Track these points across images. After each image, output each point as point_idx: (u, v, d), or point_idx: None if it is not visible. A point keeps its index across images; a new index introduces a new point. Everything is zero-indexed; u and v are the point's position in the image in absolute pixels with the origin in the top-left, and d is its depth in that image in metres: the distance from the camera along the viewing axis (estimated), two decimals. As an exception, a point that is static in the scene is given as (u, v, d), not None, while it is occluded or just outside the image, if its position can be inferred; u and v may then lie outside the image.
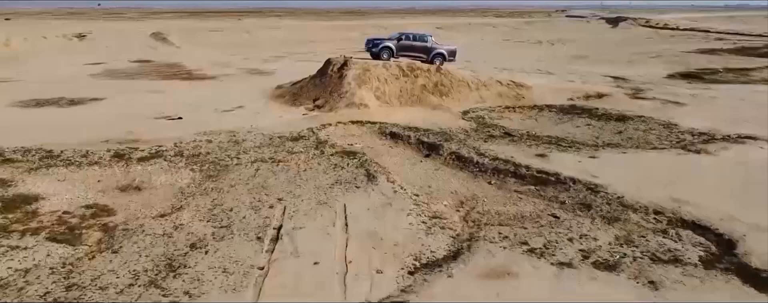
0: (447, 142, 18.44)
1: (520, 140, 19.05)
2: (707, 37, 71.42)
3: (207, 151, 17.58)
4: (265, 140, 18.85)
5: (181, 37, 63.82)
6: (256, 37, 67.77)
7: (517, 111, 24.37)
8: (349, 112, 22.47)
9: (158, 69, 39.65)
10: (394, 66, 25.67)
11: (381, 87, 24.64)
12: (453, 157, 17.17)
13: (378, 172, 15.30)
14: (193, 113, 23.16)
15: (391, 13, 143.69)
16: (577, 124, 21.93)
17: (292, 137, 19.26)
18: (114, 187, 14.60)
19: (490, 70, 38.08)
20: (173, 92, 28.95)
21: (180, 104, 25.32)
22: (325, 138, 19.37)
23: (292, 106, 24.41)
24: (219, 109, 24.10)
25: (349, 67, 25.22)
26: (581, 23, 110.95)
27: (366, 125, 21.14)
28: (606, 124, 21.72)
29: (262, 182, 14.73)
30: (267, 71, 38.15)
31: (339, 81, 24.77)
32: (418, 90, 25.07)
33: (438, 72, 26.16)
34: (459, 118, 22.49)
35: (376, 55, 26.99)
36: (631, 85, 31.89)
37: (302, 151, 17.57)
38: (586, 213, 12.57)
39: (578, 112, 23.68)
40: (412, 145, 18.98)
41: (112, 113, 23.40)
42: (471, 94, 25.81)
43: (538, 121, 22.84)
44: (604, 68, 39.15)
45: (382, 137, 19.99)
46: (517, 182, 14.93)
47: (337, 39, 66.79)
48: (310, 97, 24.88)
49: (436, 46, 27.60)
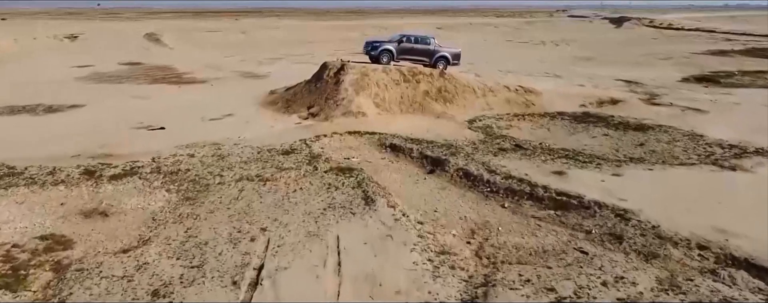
0: (453, 156, 16.71)
1: (533, 154, 17.32)
2: (714, 38, 69.65)
3: (187, 167, 15.85)
4: (253, 154, 17.13)
5: (175, 38, 62.13)
6: (253, 38, 66.07)
7: (526, 119, 22.63)
8: (345, 121, 20.75)
9: (148, 72, 37.92)
10: (394, 70, 23.95)
11: (380, 93, 22.92)
12: (460, 174, 15.45)
13: (377, 194, 13.57)
14: (178, 122, 21.46)
15: (391, 13, 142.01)
16: (593, 135, 20.20)
17: (283, 150, 17.53)
18: (78, 211, 12.88)
19: (495, 73, 36.36)
20: (160, 98, 27.23)
21: (165, 111, 23.63)
22: (319, 151, 17.65)
23: (285, 114, 22.69)
24: (206, 117, 22.39)
25: (346, 72, 23.50)
26: (584, 23, 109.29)
27: (364, 136, 19.43)
28: (624, 135, 19.98)
29: (245, 206, 13.01)
30: (261, 74, 36.44)
31: (335, 87, 23.05)
32: (421, 96, 23.34)
33: (441, 77, 24.43)
34: (465, 128, 20.76)
35: (376, 59, 25.23)
36: (645, 89, 30.17)
37: (293, 168, 15.84)
38: (617, 247, 10.85)
39: (593, 121, 21.94)
40: (414, 159, 17.26)
41: (90, 122, 21.70)
42: (477, 101, 24.08)
43: (551, 130, 21.11)
44: (614, 70, 37.42)
45: (381, 150, 18.27)
46: (534, 206, 13.20)
47: (337, 39, 65.06)
48: (305, 104, 23.16)
49: (439, 49, 25.83)
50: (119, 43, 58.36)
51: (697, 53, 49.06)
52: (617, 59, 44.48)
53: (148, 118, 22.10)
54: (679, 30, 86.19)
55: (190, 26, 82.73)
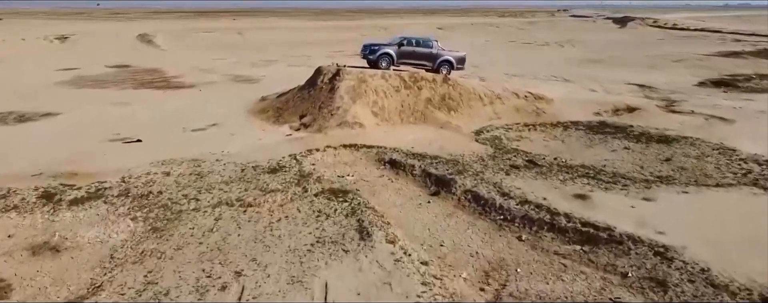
0: (460, 174, 14.88)
1: (549, 172, 15.48)
2: (722, 39, 67.74)
3: (160, 189, 14.01)
4: (235, 172, 15.29)
5: (168, 39, 60.29)
6: (249, 39, 64.22)
7: (538, 130, 20.80)
8: (340, 133, 18.91)
9: (134, 75, 36.06)
10: (394, 76, 22.12)
11: (379, 101, 21.09)
12: (469, 197, 13.62)
13: (374, 225, 11.73)
14: (158, 133, 19.64)
15: (391, 13, 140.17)
16: (613, 148, 18.36)
17: (270, 168, 15.69)
18: (26, 246, 11.05)
19: (500, 77, 34.59)
20: (142, 105, 25.37)
21: (145, 120, 21.81)
22: (310, 169, 15.81)
23: (275, 124, 20.85)
24: (189, 127, 20.56)
25: (342, 78, 21.66)
26: (587, 23, 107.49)
27: (360, 150, 17.59)
28: (647, 148, 18.15)
29: (220, 240, 11.17)
30: (254, 78, 34.58)
31: (330, 94, 21.21)
32: (423, 105, 21.51)
33: (445, 83, 22.59)
34: (471, 140, 18.92)
35: (374, 63, 23.36)
36: (661, 94, 28.34)
37: (280, 190, 14.00)
38: (662, 296, 9.02)
39: (611, 132, 20.11)
40: (416, 177, 15.44)
41: (62, 133, 19.87)
42: (484, 109, 22.24)
43: (566, 143, 19.28)
44: (625, 74, 35.58)
45: (379, 166, 16.45)
46: (557, 238, 11.37)
47: (335, 41, 63.25)
48: (297, 113, 21.32)
49: (442, 53, 23.95)
50: (110, 45, 56.54)
51: (708, 55, 47.17)
52: (627, 61, 42.62)
53: (126, 129, 20.27)
54: (685, 30, 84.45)
55: (185, 27, 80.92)
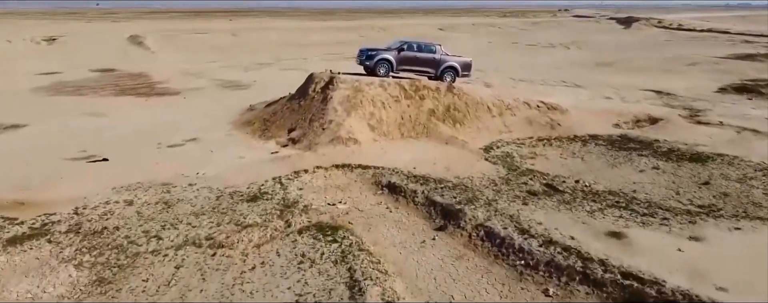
0: (469, 204, 12.78)
1: (573, 199, 13.37)
2: (732, 40, 65.61)
3: (118, 223, 11.90)
4: (209, 201, 13.19)
5: (159, 41, 58.12)
6: (244, 41, 62.03)
7: (554, 145, 18.68)
8: (332, 151, 16.79)
9: (118, 81, 33.94)
10: (393, 85, 20.01)
11: (376, 113, 18.98)
12: (481, 233, 11.51)
13: (368, 277, 9.60)
14: (129, 150, 17.53)
15: (390, 13, 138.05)
16: (640, 167, 16.25)
17: (250, 195, 13.58)
18: (-63, 305, 8.94)
19: (506, 82, 32.50)
20: (119, 115, 23.27)
21: (118, 134, 19.72)
22: (296, 195, 13.70)
23: (260, 139, 18.74)
24: (165, 142, 18.45)
25: (336, 87, 19.55)
26: (590, 23, 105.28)
27: (355, 171, 15.48)
28: (679, 168, 16.03)
29: (177, 297, 9.06)
30: (244, 84, 32.48)
31: (322, 105, 19.10)
32: (425, 117, 19.40)
33: (449, 92, 20.48)
34: (480, 158, 16.80)
35: (371, 70, 21.22)
36: (682, 102, 26.23)
37: (258, 224, 11.89)
38: None
39: (635, 148, 17.99)
40: (418, 206, 13.34)
41: (21, 150, 17.78)
42: (492, 122, 20.11)
43: (586, 161, 17.15)
44: (639, 79, 33.46)
45: (376, 191, 14.35)
46: (593, 294, 9.26)
47: (333, 42, 61.11)
48: (285, 127, 19.21)
49: (447, 58, 21.80)
50: (99, 47, 54.36)
51: (722, 57, 45.03)
52: (639, 65, 40.49)
53: (95, 144, 18.18)
54: (691, 31, 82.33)
55: (179, 27, 78.71)
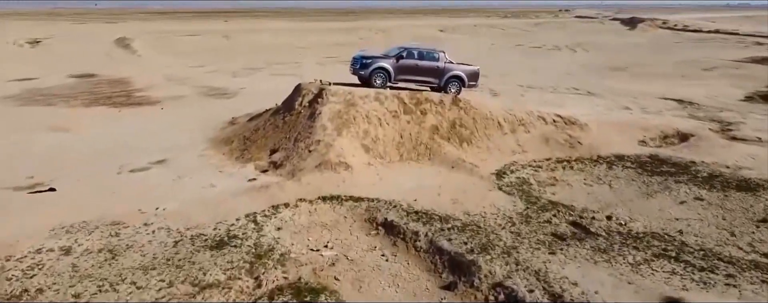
0: (484, 253, 10.38)
1: (610, 247, 10.95)
2: (743, 42, 63.22)
3: (44, 283, 9.49)
4: (165, 248, 10.76)
5: (147, 43, 55.63)
6: (236, 43, 59.52)
7: (575, 168, 16.25)
8: (319, 179, 14.33)
9: (95, 88, 31.48)
10: (391, 98, 17.58)
11: (372, 131, 16.54)
12: (500, 297, 9.10)
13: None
14: (84, 175, 15.09)
15: (389, 14, 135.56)
16: (680, 197, 13.84)
17: (216, 240, 11.14)
18: None
19: (514, 90, 30.12)
20: (84, 130, 20.82)
21: (78, 154, 17.29)
22: (273, 240, 11.28)
23: (238, 162, 16.27)
24: (128, 165, 16.00)
25: (325, 101, 17.10)
26: (593, 24, 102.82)
27: (345, 204, 13.07)
28: (726, 199, 13.63)
29: None
30: (230, 91, 30.04)
31: (309, 122, 16.66)
32: (427, 135, 16.96)
33: (455, 105, 18.05)
34: (492, 187, 14.38)
35: (367, 80, 18.75)
36: (708, 113, 23.86)
37: (220, 284, 9.48)
38: None
39: (670, 172, 15.58)
40: (421, 253, 10.96)
41: (-41, 175, 15.32)
42: (504, 140, 17.66)
43: (615, 188, 14.74)
44: (656, 86, 31.07)
45: (370, 231, 11.97)
46: None
47: (329, 44, 58.65)
48: (267, 146, 16.77)
49: (451, 67, 19.27)
50: (84, 50, 51.84)
51: (739, 61, 42.67)
52: (653, 70, 38.07)
53: (47, 168, 15.74)
54: (698, 32, 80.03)
55: (172, 29, 76.22)
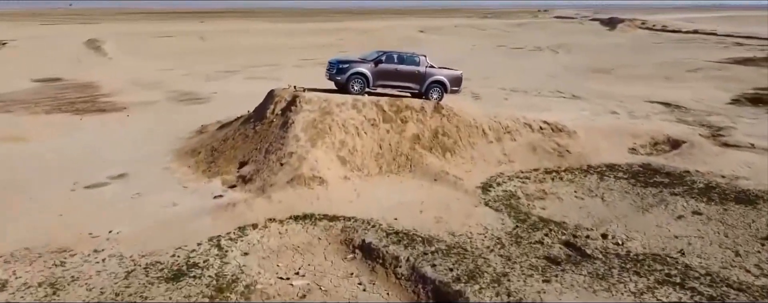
0: (471, 281, 9.39)
1: (608, 270, 10.01)
2: (722, 42, 63.39)
3: (-31, 327, 8.22)
4: (114, 281, 9.55)
5: (119, 45, 53.84)
6: (212, 45, 57.96)
7: (564, 179, 15.34)
8: (292, 195, 13.19)
9: (59, 93, 29.87)
10: (369, 105, 16.50)
11: (349, 142, 15.44)
12: (491, 335, 8.07)
13: None
14: (35, 192, 13.76)
15: (370, 14, 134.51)
16: (677, 212, 12.99)
17: (173, 270, 9.95)
18: None
19: (496, 93, 29.27)
20: (41, 140, 19.39)
21: (30, 168, 15.90)
22: (237, 268, 10.14)
23: (204, 176, 15.05)
24: (83, 181, 14.69)
25: (299, 109, 15.96)
26: (573, 25, 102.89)
27: (319, 224, 11.96)
28: (726, 212, 12.82)
29: None
30: (202, 96, 28.68)
31: (281, 132, 15.50)
32: (408, 145, 15.91)
33: (437, 113, 17.03)
34: (478, 202, 13.38)
35: (344, 86, 17.63)
36: (696, 117, 23.20)
37: (173, 326, 8.31)
38: None
39: (664, 183, 14.75)
40: (402, 280, 9.94)
41: None
42: (489, 149, 16.68)
43: (608, 202, 13.85)
44: (641, 88, 30.45)
45: (346, 254, 10.92)
46: None
47: (309, 46, 57.40)
48: (236, 159, 15.57)
49: (433, 71, 18.20)
50: (52, 52, 49.90)
51: (721, 62, 42.38)
52: (637, 72, 37.50)
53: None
54: (677, 32, 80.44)
55: (146, 30, 74.29)
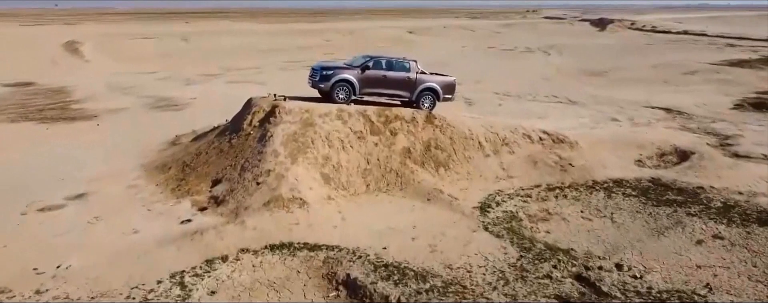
0: (473, 329, 8.00)
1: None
2: (714, 43, 62.80)
3: None
4: (53, 333, 8.08)
5: (98, 47, 51.87)
6: (194, 46, 56.11)
7: (569, 197, 14.04)
8: (268, 220, 11.76)
9: (28, 99, 28.17)
10: (356, 115, 15.12)
11: (333, 157, 14.05)
12: None
13: None
14: (-22, 218, 12.21)
15: (357, 14, 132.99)
16: (696, 235, 11.76)
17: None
18: None
19: (490, 98, 28.05)
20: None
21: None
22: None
23: (173, 194, 13.56)
24: (38, 203, 13.17)
25: (279, 121, 14.54)
26: (563, 25, 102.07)
27: (299, 255, 10.56)
28: (749, 236, 11.62)
29: None
30: (180, 103, 27.11)
31: (259, 146, 14.07)
32: (398, 159, 14.54)
33: (429, 123, 15.68)
34: (476, 226, 12.03)
35: (328, 95, 16.21)
36: (700, 124, 22.11)
37: None
38: None
39: (677, 201, 13.51)
40: (393, 327, 8.50)
41: None
42: (486, 163, 15.35)
43: (618, 223, 12.57)
44: (639, 92, 29.36)
45: (328, 292, 9.52)
46: None
47: (294, 47, 55.86)
48: (209, 176, 14.10)
49: (423, 78, 16.81)
50: (27, 54, 47.84)
51: (717, 64, 41.46)
52: (633, 75, 36.46)
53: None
54: (667, 33, 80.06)
55: (129, 31, 72.16)
